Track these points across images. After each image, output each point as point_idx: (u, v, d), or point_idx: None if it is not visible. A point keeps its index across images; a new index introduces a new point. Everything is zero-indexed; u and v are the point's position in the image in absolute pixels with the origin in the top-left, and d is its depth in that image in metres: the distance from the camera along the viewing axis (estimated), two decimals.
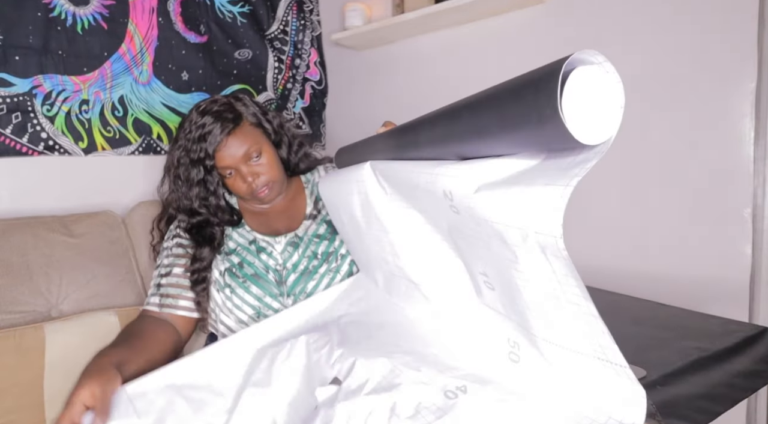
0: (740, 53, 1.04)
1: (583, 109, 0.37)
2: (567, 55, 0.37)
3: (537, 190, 0.40)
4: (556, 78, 0.36)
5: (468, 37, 1.46)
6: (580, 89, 0.38)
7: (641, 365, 0.56)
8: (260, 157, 0.99)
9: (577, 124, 0.36)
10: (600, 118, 0.38)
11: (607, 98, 0.39)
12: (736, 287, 1.07)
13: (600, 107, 0.38)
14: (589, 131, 0.37)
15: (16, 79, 1.12)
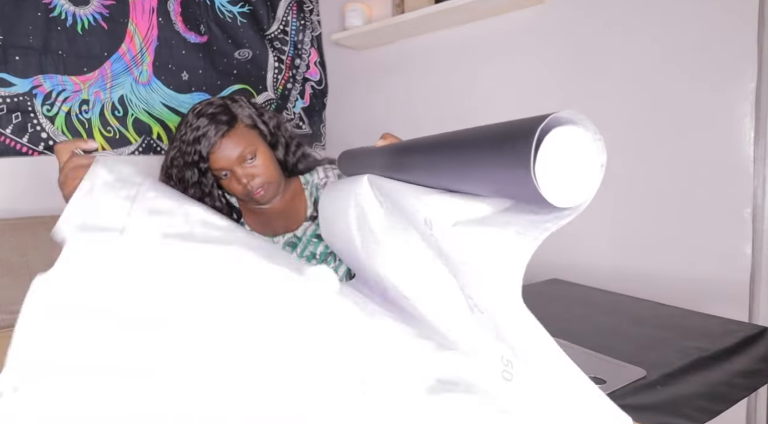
0: (740, 53, 1.04)
1: (560, 171, 0.36)
2: (545, 115, 0.36)
3: (508, 237, 0.40)
4: (530, 140, 0.35)
5: (468, 37, 1.46)
6: (558, 151, 0.36)
7: (641, 365, 0.56)
8: (255, 158, 0.99)
9: (552, 188, 0.36)
10: (578, 180, 0.38)
11: (587, 158, 0.38)
12: (736, 287, 1.07)
13: (579, 168, 0.38)
14: (565, 194, 0.37)
15: (16, 79, 1.12)
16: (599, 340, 0.66)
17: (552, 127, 0.36)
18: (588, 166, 0.38)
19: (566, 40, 1.27)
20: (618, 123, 1.20)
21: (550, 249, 1.48)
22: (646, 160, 1.17)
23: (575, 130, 0.37)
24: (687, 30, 1.10)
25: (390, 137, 0.76)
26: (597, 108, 1.23)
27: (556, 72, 1.29)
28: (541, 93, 1.33)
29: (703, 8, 1.08)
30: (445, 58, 1.51)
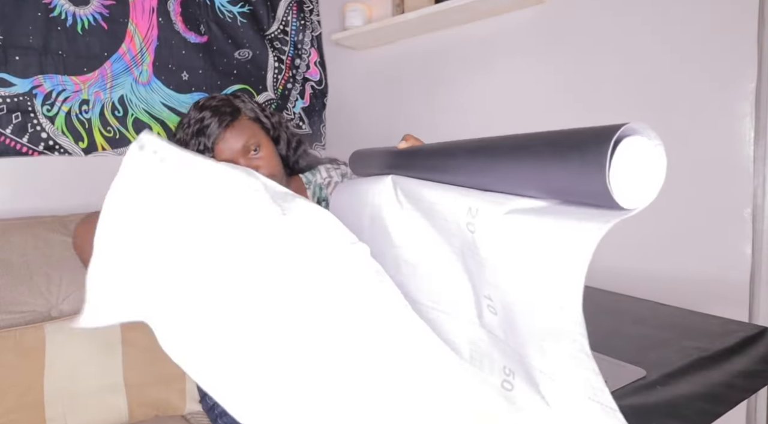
0: (740, 53, 1.04)
1: (627, 177, 0.40)
2: (619, 125, 0.39)
3: (570, 224, 0.41)
4: (605, 148, 0.38)
5: (468, 37, 1.46)
6: (627, 159, 0.40)
7: (641, 365, 0.56)
8: (259, 150, 0.99)
9: (621, 193, 0.39)
10: (641, 184, 0.41)
11: (651, 167, 0.42)
12: (736, 287, 1.07)
13: (643, 173, 0.41)
14: (630, 197, 0.40)
15: (16, 79, 1.12)
16: (599, 340, 0.66)
17: (623, 137, 0.39)
18: (650, 171, 0.41)
19: (566, 40, 1.27)
20: (618, 123, 1.20)
21: None
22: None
23: (640, 139, 0.40)
24: (687, 30, 1.10)
25: (412, 138, 0.76)
26: (597, 108, 1.23)
27: (556, 72, 1.29)
28: (541, 93, 1.33)
29: (703, 8, 1.08)
30: (445, 58, 1.51)
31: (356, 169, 0.89)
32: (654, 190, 0.41)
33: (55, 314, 1.00)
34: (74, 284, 1.03)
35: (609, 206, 0.41)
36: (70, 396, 0.91)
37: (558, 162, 0.42)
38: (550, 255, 0.42)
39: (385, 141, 1.73)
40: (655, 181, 0.41)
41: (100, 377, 0.95)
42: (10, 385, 0.86)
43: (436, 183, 0.62)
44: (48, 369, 0.90)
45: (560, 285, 0.42)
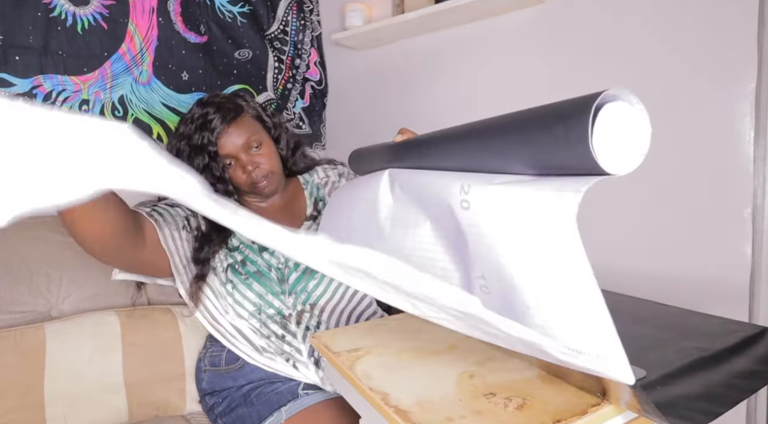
0: (740, 53, 1.04)
1: (611, 142, 0.40)
2: (598, 92, 0.40)
3: (548, 193, 0.43)
4: (586, 116, 0.39)
5: (468, 37, 1.46)
6: (610, 124, 0.40)
7: (641, 365, 0.56)
8: (260, 148, 1.01)
9: (607, 159, 0.40)
10: (627, 150, 0.41)
11: (635, 131, 0.42)
12: (736, 287, 1.07)
13: (627, 140, 0.41)
14: (616, 161, 0.41)
15: (16, 79, 1.12)
16: None
17: (603, 103, 0.40)
18: (635, 136, 0.42)
19: (566, 40, 1.27)
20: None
21: None
22: (646, 160, 1.17)
23: (622, 105, 0.41)
24: (687, 30, 1.10)
25: (407, 132, 0.78)
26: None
27: (556, 72, 1.29)
28: (541, 93, 1.33)
29: (702, 8, 1.08)
30: (445, 58, 1.51)
31: (356, 168, 0.89)
32: (640, 155, 0.42)
33: (55, 313, 1.00)
34: (74, 283, 1.03)
35: (596, 173, 0.42)
36: (70, 397, 0.91)
37: (544, 134, 0.42)
38: (539, 224, 0.44)
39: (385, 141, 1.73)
40: (641, 146, 0.42)
41: (100, 377, 0.95)
42: (10, 385, 0.86)
43: (431, 170, 0.63)
44: (48, 369, 0.90)
45: (557, 254, 0.43)
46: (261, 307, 0.96)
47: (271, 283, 0.97)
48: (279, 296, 0.96)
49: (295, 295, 0.96)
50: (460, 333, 0.53)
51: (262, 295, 0.96)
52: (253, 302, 0.96)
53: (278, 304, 0.96)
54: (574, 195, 0.41)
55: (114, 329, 0.99)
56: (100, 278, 1.06)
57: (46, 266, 1.01)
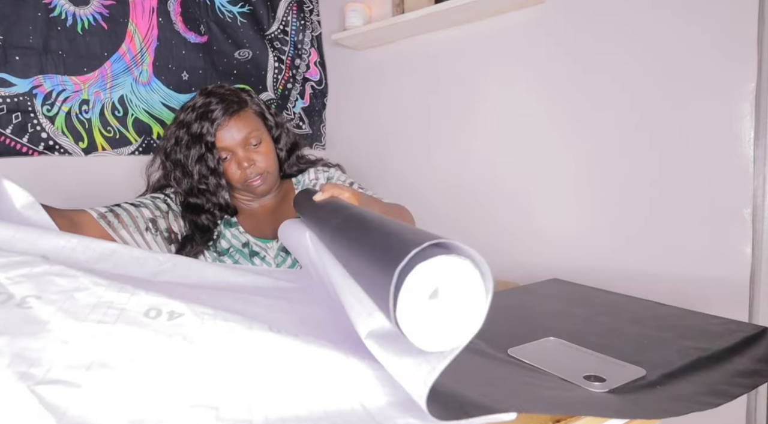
0: (740, 53, 1.04)
1: (428, 312, 0.34)
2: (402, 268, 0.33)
3: (407, 370, 0.38)
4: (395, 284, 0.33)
5: (468, 37, 1.46)
6: (422, 289, 0.34)
7: (641, 365, 0.56)
8: (259, 145, 0.99)
9: (416, 333, 0.34)
10: (450, 324, 0.35)
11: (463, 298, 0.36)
12: (736, 287, 1.07)
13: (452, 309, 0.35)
14: (433, 338, 0.34)
15: (17, 79, 1.12)
16: (599, 340, 0.66)
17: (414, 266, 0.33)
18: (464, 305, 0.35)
19: (566, 40, 1.27)
20: (618, 123, 1.20)
21: (550, 249, 1.48)
22: (646, 160, 1.17)
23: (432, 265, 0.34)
24: (687, 30, 1.10)
25: (330, 189, 0.71)
26: (597, 108, 1.24)
27: (556, 72, 1.29)
28: (541, 93, 1.33)
29: (703, 8, 1.08)
30: (445, 58, 1.51)
31: (296, 208, 0.85)
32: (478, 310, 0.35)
33: None
34: None
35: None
36: None
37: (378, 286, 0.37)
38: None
39: (385, 141, 1.74)
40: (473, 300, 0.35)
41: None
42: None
43: (325, 263, 0.58)
44: None
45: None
46: None
47: None
48: None
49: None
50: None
51: None
52: None
53: None
54: (424, 384, 0.35)
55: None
56: None
57: None
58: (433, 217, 1.57)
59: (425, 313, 0.34)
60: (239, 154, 0.97)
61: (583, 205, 1.27)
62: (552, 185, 1.32)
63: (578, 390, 0.51)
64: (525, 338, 0.67)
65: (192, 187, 0.98)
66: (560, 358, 0.61)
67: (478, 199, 1.46)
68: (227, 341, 0.41)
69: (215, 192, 0.99)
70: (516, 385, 0.51)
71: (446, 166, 1.53)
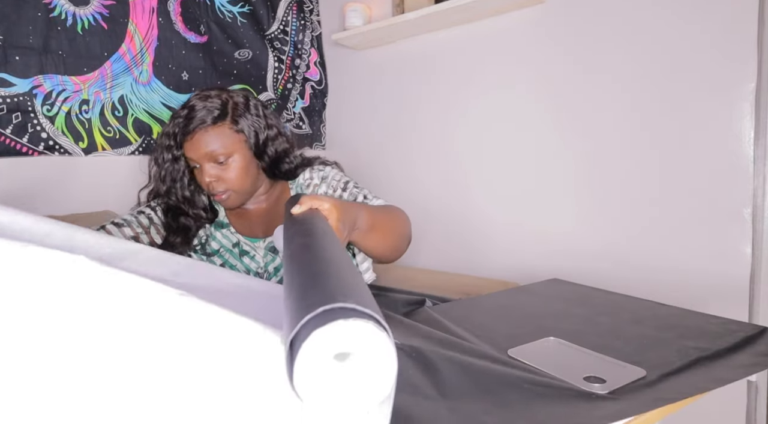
0: (740, 53, 1.04)
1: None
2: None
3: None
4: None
5: (468, 37, 1.46)
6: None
7: (641, 365, 0.56)
8: (227, 162, 0.94)
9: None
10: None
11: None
12: (736, 287, 1.07)
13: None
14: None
15: (17, 79, 1.12)
16: (599, 340, 0.66)
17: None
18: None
19: (566, 39, 1.27)
20: (618, 123, 1.20)
21: (550, 249, 1.48)
22: (646, 160, 1.17)
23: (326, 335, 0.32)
24: (687, 30, 1.10)
25: (308, 201, 0.69)
26: (597, 108, 1.24)
27: (556, 72, 1.30)
28: (541, 93, 1.33)
29: (703, 8, 1.08)
30: (445, 58, 1.51)
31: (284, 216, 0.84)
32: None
33: None
34: None
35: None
36: None
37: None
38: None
39: (385, 140, 1.73)
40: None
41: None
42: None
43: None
44: None
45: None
46: None
47: None
48: None
49: None
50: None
51: None
52: None
53: None
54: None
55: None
56: None
57: None
58: (433, 216, 1.57)
59: (327, 379, 0.32)
60: (204, 167, 0.95)
61: (583, 205, 1.27)
62: (552, 185, 1.32)
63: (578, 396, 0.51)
64: (525, 338, 0.67)
65: (168, 189, 0.99)
66: (560, 358, 0.61)
67: (478, 199, 1.47)
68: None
69: (190, 198, 0.99)
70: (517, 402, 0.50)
71: (446, 164, 1.53)
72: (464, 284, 1.29)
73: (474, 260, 1.47)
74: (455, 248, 1.52)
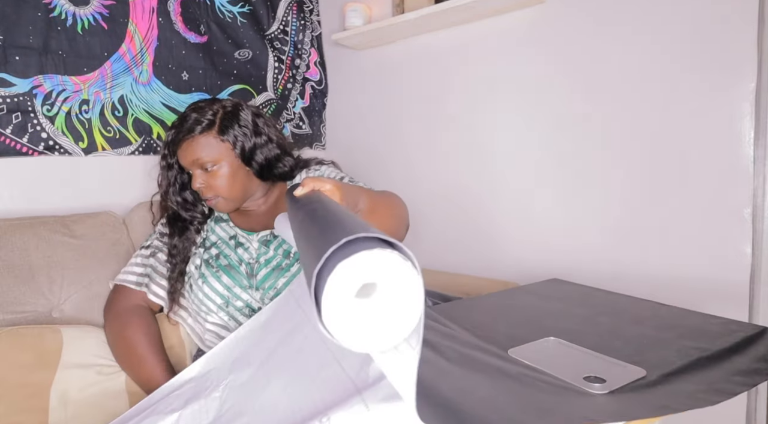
0: (740, 53, 1.04)
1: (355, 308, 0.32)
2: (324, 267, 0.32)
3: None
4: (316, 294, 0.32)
5: (468, 37, 1.46)
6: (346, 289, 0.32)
7: (641, 365, 0.56)
8: (213, 170, 1.00)
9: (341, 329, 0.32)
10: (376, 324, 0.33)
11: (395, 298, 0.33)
12: (736, 287, 1.07)
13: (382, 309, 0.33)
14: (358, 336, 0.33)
15: (17, 79, 1.12)
16: (599, 340, 0.66)
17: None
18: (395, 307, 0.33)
19: (566, 39, 1.27)
20: (618, 123, 1.20)
21: (550, 249, 1.48)
22: (646, 160, 1.17)
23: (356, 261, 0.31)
24: (687, 30, 1.10)
25: (310, 183, 0.71)
26: (597, 108, 1.24)
27: (556, 72, 1.30)
28: (541, 92, 1.33)
29: (703, 8, 1.08)
30: (445, 58, 1.51)
31: (286, 205, 0.85)
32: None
33: (56, 314, 1.00)
34: (75, 285, 1.03)
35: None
36: (75, 402, 0.90)
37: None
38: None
39: (385, 141, 1.73)
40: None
41: (105, 383, 0.94)
42: (20, 384, 0.85)
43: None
44: (59, 373, 0.89)
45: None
46: (229, 300, 0.98)
47: (240, 277, 0.99)
48: (247, 289, 0.98)
49: (263, 290, 0.98)
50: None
51: (230, 287, 0.98)
52: (221, 295, 0.98)
53: (246, 297, 0.98)
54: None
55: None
56: (102, 280, 1.06)
57: (47, 266, 1.01)
58: (432, 216, 1.57)
59: (354, 314, 0.32)
60: (195, 173, 1.02)
61: (583, 205, 1.27)
62: (552, 185, 1.32)
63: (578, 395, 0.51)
64: (525, 338, 0.67)
65: (164, 193, 1.09)
66: (560, 358, 0.61)
67: (478, 199, 1.47)
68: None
69: (183, 202, 1.08)
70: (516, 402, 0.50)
71: (446, 165, 1.53)
72: (464, 284, 1.29)
73: (474, 259, 1.47)
74: (455, 247, 1.52)
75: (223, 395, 0.68)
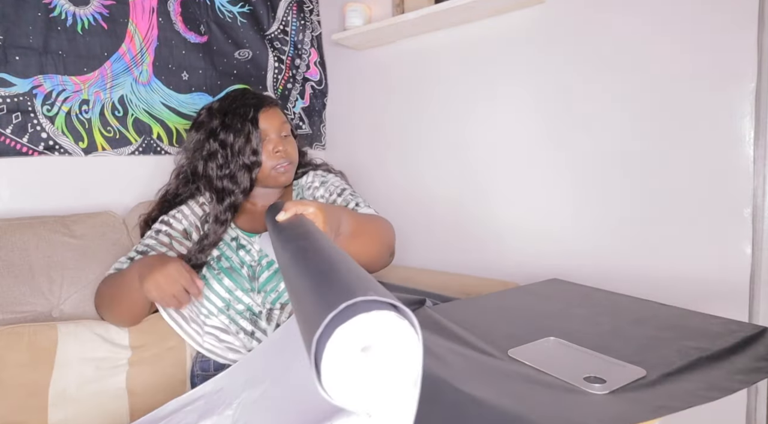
0: (740, 53, 1.04)
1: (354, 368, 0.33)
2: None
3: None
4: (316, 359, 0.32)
5: (468, 37, 1.46)
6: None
7: (641, 365, 0.56)
8: (289, 137, 1.10)
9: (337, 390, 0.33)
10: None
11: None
12: (736, 287, 1.07)
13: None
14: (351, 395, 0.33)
15: (16, 79, 1.12)
16: (599, 340, 0.66)
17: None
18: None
19: (566, 39, 1.27)
20: (618, 123, 1.20)
21: (550, 249, 1.48)
22: (646, 160, 1.17)
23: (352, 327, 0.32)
24: (687, 30, 1.10)
25: (293, 207, 0.71)
26: (597, 108, 1.24)
27: (556, 72, 1.29)
28: (541, 93, 1.33)
29: (703, 8, 1.08)
30: (445, 58, 1.51)
31: (266, 223, 0.85)
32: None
33: (56, 314, 1.00)
34: (75, 285, 1.03)
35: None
36: (74, 400, 0.90)
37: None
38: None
39: (385, 140, 1.73)
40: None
41: (105, 381, 0.94)
42: (18, 384, 0.85)
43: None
44: (56, 371, 0.89)
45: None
46: (230, 302, 0.98)
47: (242, 279, 0.99)
48: (248, 293, 0.98)
49: (264, 293, 0.98)
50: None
51: (231, 290, 0.98)
52: (222, 297, 0.98)
53: (248, 300, 0.98)
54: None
55: (123, 333, 0.99)
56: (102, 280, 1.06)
57: (47, 266, 1.01)
58: (433, 216, 1.57)
59: (354, 376, 0.33)
60: (274, 138, 1.06)
61: (582, 205, 1.27)
62: (552, 185, 1.32)
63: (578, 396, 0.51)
64: (525, 338, 0.67)
65: (226, 170, 1.04)
66: (560, 358, 0.61)
67: (478, 199, 1.47)
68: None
69: (251, 167, 1.03)
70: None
71: (446, 165, 1.53)
72: (464, 284, 1.29)
73: (474, 259, 1.47)
74: (455, 247, 1.52)
75: (236, 414, 0.68)
